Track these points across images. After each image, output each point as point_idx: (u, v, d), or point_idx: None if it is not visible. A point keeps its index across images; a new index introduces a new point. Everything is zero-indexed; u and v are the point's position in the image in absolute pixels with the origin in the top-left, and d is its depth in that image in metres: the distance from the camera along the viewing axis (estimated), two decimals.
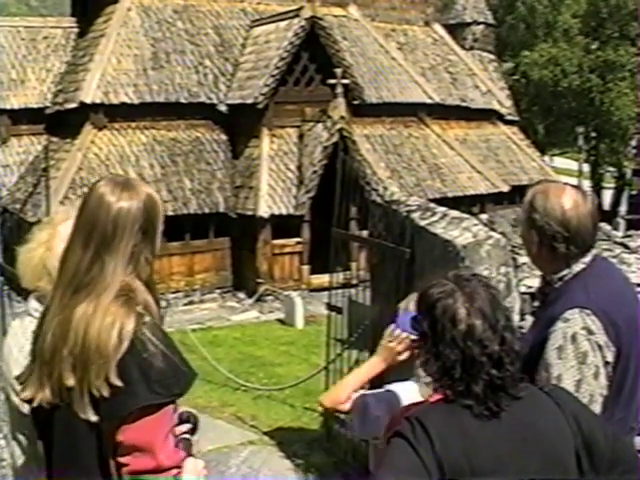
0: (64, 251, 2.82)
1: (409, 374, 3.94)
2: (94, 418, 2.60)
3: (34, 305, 3.50)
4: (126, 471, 2.64)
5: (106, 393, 2.57)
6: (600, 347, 3.47)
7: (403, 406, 3.53)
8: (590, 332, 3.46)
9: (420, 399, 3.36)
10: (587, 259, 3.68)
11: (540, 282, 3.88)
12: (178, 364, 2.69)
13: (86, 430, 2.64)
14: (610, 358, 3.49)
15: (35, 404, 2.72)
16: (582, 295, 3.56)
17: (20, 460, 3.60)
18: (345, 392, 3.90)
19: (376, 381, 4.08)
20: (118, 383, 2.56)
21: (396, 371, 3.89)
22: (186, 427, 2.97)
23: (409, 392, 3.80)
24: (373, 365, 3.88)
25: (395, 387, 3.97)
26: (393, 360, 3.76)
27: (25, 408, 3.23)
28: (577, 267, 3.66)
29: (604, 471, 2.69)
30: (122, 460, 2.63)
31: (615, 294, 3.64)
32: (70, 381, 2.61)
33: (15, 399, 3.43)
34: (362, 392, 3.95)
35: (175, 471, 2.69)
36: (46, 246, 3.55)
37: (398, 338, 3.69)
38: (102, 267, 2.69)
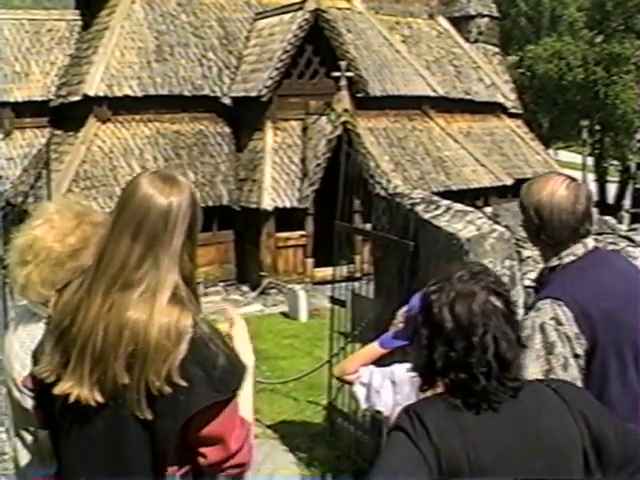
0: (102, 246, 2.77)
1: None
2: (149, 415, 2.58)
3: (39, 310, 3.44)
4: (203, 462, 2.70)
5: (167, 393, 2.56)
6: (569, 338, 3.47)
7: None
8: (559, 323, 3.47)
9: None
10: (580, 251, 3.67)
11: (537, 273, 3.90)
12: (236, 360, 2.70)
13: (138, 428, 2.62)
14: (580, 350, 3.49)
15: (72, 400, 2.67)
16: (558, 286, 3.58)
17: (23, 456, 3.57)
18: (354, 365, 4.04)
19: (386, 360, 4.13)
20: (182, 383, 2.55)
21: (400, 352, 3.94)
22: None
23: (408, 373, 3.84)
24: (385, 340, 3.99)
25: (399, 367, 4.01)
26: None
27: (28, 403, 3.21)
28: (567, 258, 3.67)
29: (614, 471, 2.66)
30: (202, 450, 2.69)
31: (598, 287, 3.62)
32: (125, 379, 2.58)
33: (17, 394, 3.40)
34: (369, 367, 4.01)
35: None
36: (34, 260, 3.47)
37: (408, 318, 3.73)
38: (155, 263, 2.67)
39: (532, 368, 3.37)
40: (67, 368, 2.69)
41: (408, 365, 3.86)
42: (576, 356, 3.47)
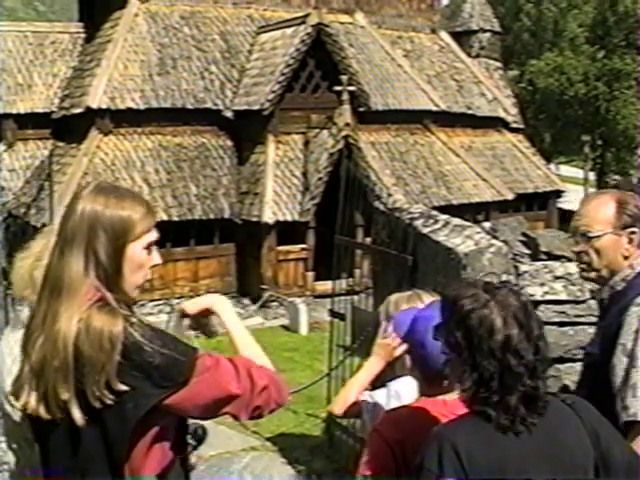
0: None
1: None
2: (95, 426, 2.60)
3: (27, 314, 3.50)
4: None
5: (109, 401, 2.56)
6: None
7: (389, 409, 3.58)
8: None
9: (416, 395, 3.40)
10: None
11: (603, 291, 3.84)
12: (175, 355, 2.66)
13: (92, 438, 2.63)
14: None
15: (30, 412, 2.70)
16: None
17: (16, 466, 3.62)
18: (352, 396, 3.95)
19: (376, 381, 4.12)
20: (123, 388, 2.56)
21: (392, 368, 3.93)
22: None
23: (411, 388, 3.82)
24: (373, 365, 3.93)
25: (398, 384, 4.01)
26: (390, 356, 3.79)
27: (17, 416, 3.25)
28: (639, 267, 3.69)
29: None
30: (226, 410, 2.74)
31: None
32: (65, 394, 2.59)
33: (8, 408, 3.44)
34: (368, 392, 4.00)
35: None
36: (36, 256, 3.57)
37: (391, 334, 3.72)
38: (63, 264, 2.69)
39: None
40: (24, 382, 2.72)
41: (407, 379, 3.89)
42: None
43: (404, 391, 3.94)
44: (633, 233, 3.66)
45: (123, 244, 2.75)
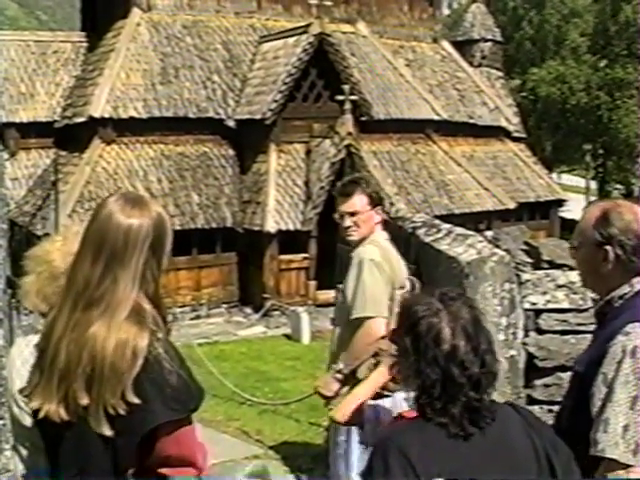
0: (72, 265, 2.84)
1: None
2: (109, 433, 2.62)
3: (41, 321, 3.52)
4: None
5: (122, 411, 2.59)
6: None
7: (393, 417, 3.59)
8: None
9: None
10: None
11: (598, 304, 3.76)
12: (189, 383, 2.71)
13: (101, 445, 2.66)
14: None
15: (42, 415, 2.74)
16: None
17: (20, 471, 3.63)
18: (356, 404, 3.95)
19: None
20: (135, 400, 2.59)
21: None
22: None
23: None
24: (380, 375, 3.92)
25: (400, 395, 4.02)
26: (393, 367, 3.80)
27: (27, 420, 3.27)
28: (639, 285, 3.55)
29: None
30: (165, 471, 2.71)
31: None
32: (85, 400, 2.63)
33: (16, 410, 3.46)
34: (372, 402, 4.00)
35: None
36: (50, 272, 3.59)
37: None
38: (114, 282, 2.71)
39: (620, 393, 3.22)
40: (39, 385, 2.76)
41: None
42: None
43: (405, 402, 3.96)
44: (606, 251, 3.52)
45: (161, 257, 2.83)
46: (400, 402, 4.07)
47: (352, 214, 5.59)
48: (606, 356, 3.33)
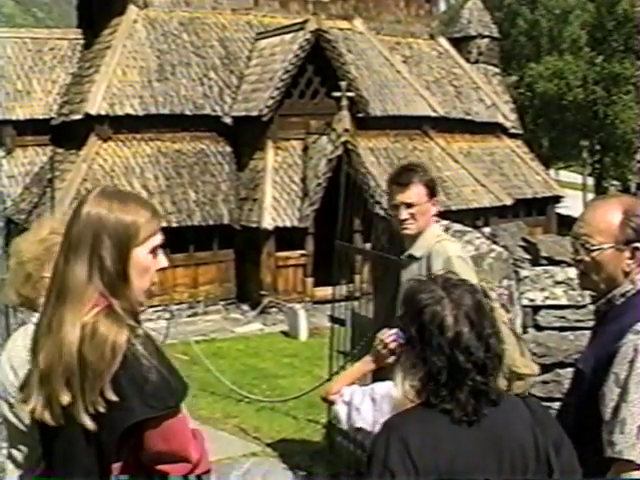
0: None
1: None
2: (92, 427, 2.60)
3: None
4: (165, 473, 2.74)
5: (102, 408, 2.58)
6: None
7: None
8: None
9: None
10: None
11: (600, 302, 3.65)
12: (170, 377, 2.69)
13: (85, 443, 2.66)
14: None
15: (37, 417, 2.73)
16: None
17: (11, 471, 3.60)
18: (338, 385, 4.05)
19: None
20: (114, 398, 2.57)
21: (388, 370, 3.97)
22: None
23: (392, 389, 3.86)
24: (364, 363, 4.06)
25: (380, 384, 4.05)
26: (381, 362, 3.85)
27: (20, 424, 3.25)
28: None
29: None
30: (162, 469, 2.71)
31: None
32: (65, 398, 2.62)
33: (9, 414, 3.44)
34: (352, 386, 4.06)
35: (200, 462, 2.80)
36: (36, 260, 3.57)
37: (385, 342, 3.76)
38: (71, 270, 2.70)
39: (634, 393, 3.15)
40: (31, 386, 2.75)
41: (389, 382, 3.92)
42: None
43: (379, 390, 4.01)
44: (637, 249, 3.46)
45: (128, 249, 2.76)
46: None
47: (409, 205, 5.26)
48: (617, 356, 3.27)
